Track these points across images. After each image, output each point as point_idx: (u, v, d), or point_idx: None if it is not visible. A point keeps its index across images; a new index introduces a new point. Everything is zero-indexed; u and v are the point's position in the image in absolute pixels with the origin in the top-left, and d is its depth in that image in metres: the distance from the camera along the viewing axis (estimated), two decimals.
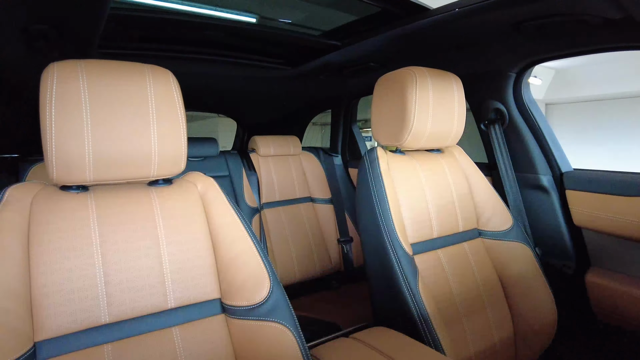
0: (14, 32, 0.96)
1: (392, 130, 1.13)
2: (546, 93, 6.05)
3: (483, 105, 1.42)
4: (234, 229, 0.86)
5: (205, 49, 1.54)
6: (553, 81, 5.84)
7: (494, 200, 1.26)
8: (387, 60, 1.52)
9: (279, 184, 2.00)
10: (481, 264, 1.21)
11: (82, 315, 0.68)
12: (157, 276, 0.76)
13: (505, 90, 1.33)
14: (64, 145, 0.68)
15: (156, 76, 0.77)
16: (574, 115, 6.35)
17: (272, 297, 0.81)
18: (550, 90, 5.96)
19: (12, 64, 1.24)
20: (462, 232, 1.22)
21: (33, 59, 1.18)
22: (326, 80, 1.90)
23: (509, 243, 1.22)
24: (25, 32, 0.97)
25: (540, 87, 5.97)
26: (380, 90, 1.17)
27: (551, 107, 6.68)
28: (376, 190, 1.07)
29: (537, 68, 5.44)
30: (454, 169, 1.25)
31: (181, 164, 0.82)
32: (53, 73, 0.68)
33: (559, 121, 6.59)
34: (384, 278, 1.02)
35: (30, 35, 1.00)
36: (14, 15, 0.89)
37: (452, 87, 1.15)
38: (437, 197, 1.18)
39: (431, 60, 1.43)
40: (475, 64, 1.35)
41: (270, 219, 1.93)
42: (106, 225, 0.75)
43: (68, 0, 0.87)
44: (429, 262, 1.11)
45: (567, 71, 5.62)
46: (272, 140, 2.01)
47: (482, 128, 1.44)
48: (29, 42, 1.05)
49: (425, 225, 1.13)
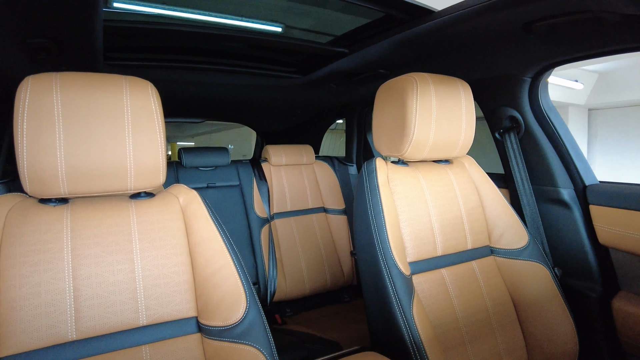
0: (12, 44, 0.99)
1: (392, 140, 1.07)
2: (588, 98, 5.71)
3: (496, 113, 1.32)
4: (213, 245, 0.83)
5: (218, 58, 1.54)
6: (596, 85, 5.50)
7: (507, 214, 1.16)
8: (395, 66, 1.46)
9: (291, 194, 1.97)
10: (492, 285, 1.11)
11: (48, 331, 0.67)
12: (129, 292, 0.74)
13: (519, 96, 1.24)
14: (36, 159, 0.68)
15: (134, 88, 0.76)
16: (619, 120, 5.93)
17: (247, 318, 0.77)
18: (593, 94, 5.60)
19: (18, 78, 1.29)
20: (470, 250, 1.13)
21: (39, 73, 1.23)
22: (337, 88, 1.85)
23: (524, 262, 1.12)
24: (24, 45, 1.00)
25: (581, 92, 5.63)
26: (381, 99, 1.12)
27: (594, 112, 6.28)
28: (372, 204, 1.01)
29: (578, 72, 5.14)
30: (463, 180, 1.17)
31: (159, 176, 0.80)
32: (27, 87, 0.68)
33: (602, 128, 6.18)
34: (378, 299, 0.96)
35: (31, 49, 1.03)
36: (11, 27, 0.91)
37: (459, 94, 1.08)
38: (443, 211, 1.10)
39: (440, 66, 1.35)
40: (486, 69, 1.26)
41: (281, 229, 1.90)
42: (79, 239, 0.74)
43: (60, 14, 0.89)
44: (430, 282, 1.04)
45: (611, 74, 5.27)
46: (284, 149, 1.99)
47: (497, 137, 1.34)
48: (32, 56, 1.08)
49: (427, 242, 1.06)
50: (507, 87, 1.25)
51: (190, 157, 1.80)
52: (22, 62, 1.13)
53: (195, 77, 1.65)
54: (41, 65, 1.17)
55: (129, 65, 1.46)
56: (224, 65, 1.58)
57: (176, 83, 1.70)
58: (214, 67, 1.57)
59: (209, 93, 1.90)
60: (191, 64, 1.54)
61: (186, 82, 1.70)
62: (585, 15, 0.89)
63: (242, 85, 1.81)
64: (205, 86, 1.77)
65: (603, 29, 0.92)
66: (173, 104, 2.09)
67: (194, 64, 1.54)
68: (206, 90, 1.84)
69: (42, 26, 0.93)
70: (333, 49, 1.41)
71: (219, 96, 1.97)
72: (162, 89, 1.74)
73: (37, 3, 0.82)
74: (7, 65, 1.13)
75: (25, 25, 0.91)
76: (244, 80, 1.74)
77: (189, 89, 1.81)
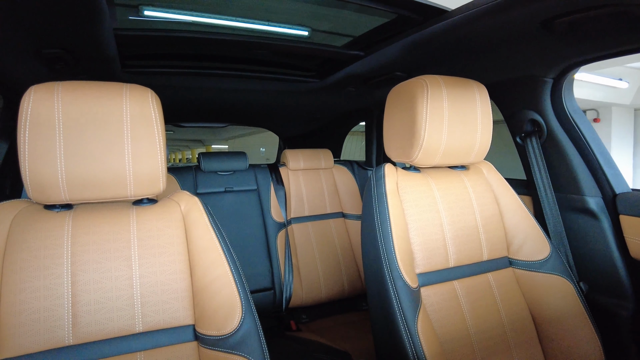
0: (28, 54, 1.04)
1: (402, 145, 1.03)
2: (635, 97, 5.35)
3: (517, 116, 1.25)
4: (211, 253, 0.83)
5: (236, 64, 1.56)
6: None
7: (528, 224, 1.09)
8: (412, 69, 1.42)
9: (309, 198, 1.95)
10: (509, 299, 1.05)
11: (46, 336, 0.69)
12: (126, 298, 0.75)
13: (541, 98, 1.16)
14: (37, 167, 0.70)
15: (134, 95, 0.77)
16: None
17: (242, 328, 0.76)
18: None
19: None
20: (486, 261, 1.07)
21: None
22: (355, 92, 1.83)
23: (546, 275, 1.05)
24: (39, 55, 1.04)
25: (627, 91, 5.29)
26: (391, 102, 1.08)
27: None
28: (379, 213, 0.97)
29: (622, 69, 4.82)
30: (479, 188, 1.11)
31: (159, 183, 0.80)
32: (30, 96, 0.70)
33: None
34: (382, 311, 0.92)
35: (48, 58, 1.08)
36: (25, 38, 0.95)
37: (474, 96, 1.03)
38: (456, 220, 1.05)
39: (457, 68, 1.30)
40: (505, 70, 1.20)
41: (298, 234, 1.89)
42: (79, 245, 0.75)
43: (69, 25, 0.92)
44: (440, 295, 0.99)
45: None
46: (302, 153, 1.98)
47: (518, 141, 1.27)
48: (50, 65, 1.13)
49: (438, 253, 1.01)
50: (527, 88, 1.18)
51: (208, 162, 1.83)
52: (42, 72, 1.18)
53: (214, 83, 1.67)
54: (60, 74, 1.21)
55: (148, 72, 1.49)
56: (242, 70, 1.59)
57: (195, 89, 1.73)
58: (232, 72, 1.58)
59: (228, 98, 1.92)
60: (209, 70, 1.56)
61: (204, 88, 1.73)
62: (610, 10, 0.82)
63: (260, 91, 1.82)
64: (223, 92, 1.79)
65: (630, 24, 0.85)
66: (193, 109, 2.13)
67: (212, 70, 1.56)
68: (225, 95, 1.86)
69: (54, 37, 0.97)
70: (349, 52, 1.39)
71: (237, 101, 1.99)
72: (181, 95, 1.77)
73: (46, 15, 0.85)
74: (25, 75, 1.19)
75: (39, 36, 0.95)
76: (262, 86, 1.75)
77: (208, 95, 1.84)
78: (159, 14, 1.23)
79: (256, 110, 2.22)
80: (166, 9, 1.24)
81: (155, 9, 1.25)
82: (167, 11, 1.22)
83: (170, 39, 1.19)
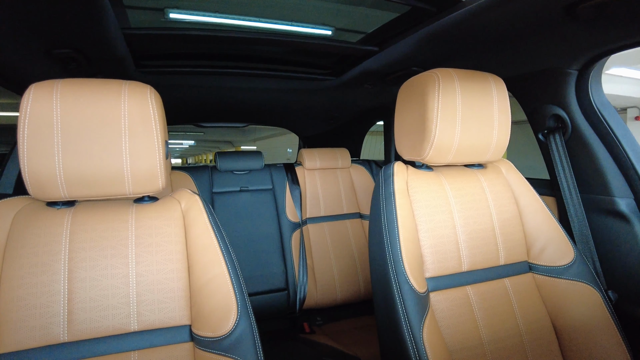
0: (38, 54, 1.06)
1: (413, 143, 0.99)
2: None
3: (539, 112, 1.17)
4: (209, 252, 0.81)
5: (252, 63, 1.55)
6: None
7: (550, 226, 1.02)
8: (427, 64, 1.36)
9: (325, 198, 1.92)
10: (528, 306, 0.98)
11: (41, 332, 0.69)
12: (122, 297, 0.75)
13: (564, 92, 1.08)
14: (36, 164, 0.70)
15: (133, 93, 0.76)
16: None
17: (237, 330, 0.74)
18: None
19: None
20: (503, 266, 1.00)
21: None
22: (372, 90, 1.78)
23: (569, 282, 0.97)
24: (50, 55, 1.06)
25: None
26: (401, 98, 1.04)
27: None
28: (386, 213, 0.93)
29: None
30: (497, 188, 1.05)
31: (158, 181, 0.79)
32: (30, 94, 0.71)
33: None
34: (387, 315, 0.88)
35: (61, 59, 1.10)
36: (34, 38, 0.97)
37: (491, 91, 0.97)
38: (470, 222, 0.99)
39: (474, 62, 1.23)
40: (525, 62, 1.12)
41: (314, 234, 1.86)
42: (77, 242, 0.75)
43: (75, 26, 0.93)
44: (452, 301, 0.93)
45: None
46: (318, 152, 1.95)
47: (540, 139, 1.19)
48: (63, 66, 1.15)
49: (450, 257, 0.96)
50: (549, 82, 1.10)
51: (224, 161, 1.83)
52: (55, 72, 1.20)
53: (230, 82, 1.67)
54: (74, 75, 1.24)
55: (163, 72, 1.50)
56: (258, 69, 1.58)
57: (212, 88, 1.73)
58: (248, 71, 1.57)
59: (245, 97, 1.92)
60: (225, 69, 1.55)
61: (221, 87, 1.73)
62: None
63: (277, 89, 1.80)
64: (240, 91, 1.79)
65: None
66: (211, 109, 2.15)
67: (228, 69, 1.55)
68: (242, 94, 1.86)
69: (63, 37, 0.98)
70: (364, 48, 1.35)
71: (254, 100, 1.98)
72: (198, 94, 1.78)
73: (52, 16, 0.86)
74: (40, 75, 1.22)
75: (47, 37, 0.97)
76: (278, 84, 1.73)
77: (225, 94, 1.84)
78: (184, 16, 1.23)
79: (274, 109, 2.21)
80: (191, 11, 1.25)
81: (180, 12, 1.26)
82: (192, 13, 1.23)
83: (184, 37, 1.19)
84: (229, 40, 1.22)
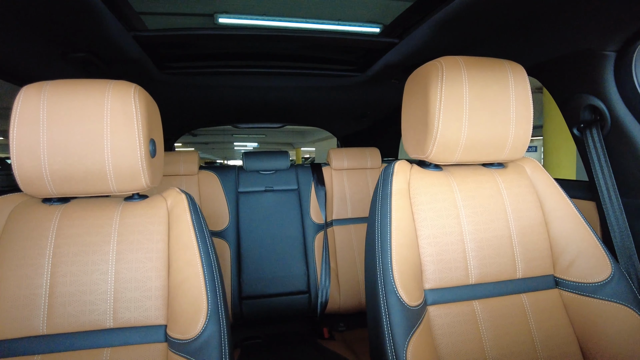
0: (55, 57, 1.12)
1: (417, 138, 0.90)
2: None
3: (572, 102, 1.01)
4: (187, 252, 0.80)
5: (278, 61, 1.53)
6: None
7: (582, 235, 0.87)
8: (448, 54, 1.25)
9: (352, 200, 1.86)
10: (549, 327, 0.84)
11: (22, 323, 0.72)
12: (100, 293, 0.76)
13: (600, 78, 0.92)
14: (24, 161, 0.74)
15: (116, 91, 0.77)
16: None
17: (204, 334, 0.72)
18: None
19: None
20: (520, 280, 0.88)
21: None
22: (399, 85, 1.68)
23: (604, 303, 0.82)
24: (66, 59, 1.12)
25: None
26: (407, 91, 0.95)
27: None
28: (380, 215, 0.85)
29: None
30: (518, 190, 0.92)
31: (141, 179, 0.80)
32: (20, 95, 0.75)
33: None
34: (374, 327, 0.80)
35: (77, 62, 1.16)
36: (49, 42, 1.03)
37: (506, 80, 0.85)
38: (481, 229, 0.88)
39: (495, 48, 1.10)
40: (552, 46, 0.97)
41: (339, 237, 1.80)
42: (62, 238, 0.78)
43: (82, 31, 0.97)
44: (454, 316, 0.83)
45: None
46: (346, 152, 1.89)
47: (576, 134, 1.03)
48: (83, 68, 1.21)
49: (455, 267, 0.85)
50: (582, 67, 0.94)
51: (250, 161, 1.84)
52: (75, 76, 1.27)
53: (257, 82, 1.67)
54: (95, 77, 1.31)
55: (189, 73, 1.53)
56: (283, 67, 1.55)
57: (239, 88, 1.75)
58: (274, 70, 1.55)
59: (273, 97, 1.92)
60: (252, 68, 1.55)
61: (249, 87, 1.73)
62: None
63: (304, 87, 1.77)
64: (267, 90, 1.79)
65: None
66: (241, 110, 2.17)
67: (254, 68, 1.55)
68: (270, 93, 1.86)
69: (75, 41, 1.03)
70: (383, 40, 1.28)
71: (283, 99, 1.97)
72: (226, 95, 1.81)
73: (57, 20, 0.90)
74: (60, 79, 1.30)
75: (61, 41, 1.02)
76: (305, 82, 1.70)
77: (254, 94, 1.85)
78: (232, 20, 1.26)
79: (304, 107, 2.19)
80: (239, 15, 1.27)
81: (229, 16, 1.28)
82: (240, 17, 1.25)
83: (199, 37, 1.19)
84: (254, 39, 1.21)
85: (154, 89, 1.66)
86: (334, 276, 1.72)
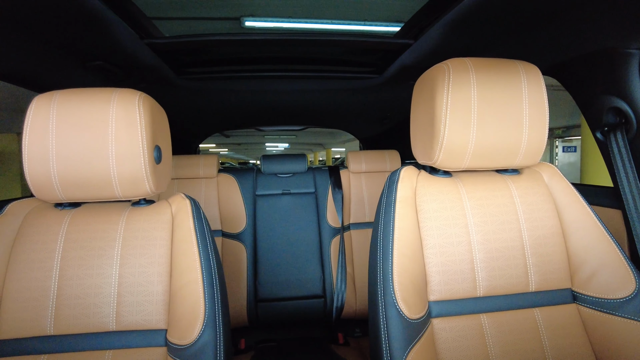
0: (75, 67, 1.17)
1: (424, 144, 0.87)
2: None
3: (594, 104, 0.94)
4: (188, 257, 0.81)
5: (294, 65, 1.53)
6: None
7: (603, 246, 0.81)
8: (462, 55, 1.21)
9: (370, 203, 1.83)
10: (565, 345, 0.79)
11: (31, 324, 0.75)
12: (104, 296, 0.78)
13: (624, 78, 0.85)
14: (35, 168, 0.77)
15: (121, 99, 0.79)
16: None
17: (200, 340, 0.72)
18: None
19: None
20: (533, 293, 0.83)
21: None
22: None
23: (626, 322, 0.76)
24: (85, 68, 1.17)
25: None
26: (415, 95, 0.92)
27: None
28: (383, 223, 0.83)
29: None
30: (533, 198, 0.87)
31: (145, 185, 0.81)
32: (32, 104, 0.78)
33: None
34: (373, 339, 0.78)
35: (97, 70, 1.20)
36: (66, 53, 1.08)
37: (519, 82, 0.80)
38: (491, 238, 0.84)
39: (511, 48, 1.05)
40: (573, 44, 0.91)
41: (356, 241, 1.78)
42: (69, 242, 0.81)
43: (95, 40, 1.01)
44: (459, 330, 0.79)
45: None
46: (364, 155, 1.87)
47: (599, 138, 0.96)
48: (103, 76, 1.26)
49: (462, 278, 0.82)
50: (604, 66, 0.88)
51: (268, 164, 1.85)
52: (96, 84, 1.33)
53: (277, 85, 1.67)
54: (117, 85, 1.36)
55: (207, 78, 1.56)
56: (301, 71, 1.55)
57: (260, 92, 1.76)
58: (293, 74, 1.56)
59: (292, 100, 1.92)
60: (270, 72, 1.56)
61: (269, 91, 1.74)
62: None
63: (324, 90, 1.77)
64: (288, 93, 1.79)
65: None
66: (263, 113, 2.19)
67: (273, 72, 1.56)
68: (289, 97, 1.86)
69: (91, 50, 1.07)
70: (398, 42, 1.25)
71: (303, 102, 1.97)
72: (242, 98, 1.83)
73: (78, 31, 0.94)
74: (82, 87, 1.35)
75: (78, 51, 1.06)
76: (324, 85, 1.69)
77: (274, 97, 1.86)
78: (259, 24, 1.27)
79: (324, 110, 2.18)
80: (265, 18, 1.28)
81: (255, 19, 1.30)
82: (266, 20, 1.26)
83: (223, 43, 1.20)
84: (272, 43, 1.21)
85: (173, 94, 1.70)
86: (350, 281, 1.70)
